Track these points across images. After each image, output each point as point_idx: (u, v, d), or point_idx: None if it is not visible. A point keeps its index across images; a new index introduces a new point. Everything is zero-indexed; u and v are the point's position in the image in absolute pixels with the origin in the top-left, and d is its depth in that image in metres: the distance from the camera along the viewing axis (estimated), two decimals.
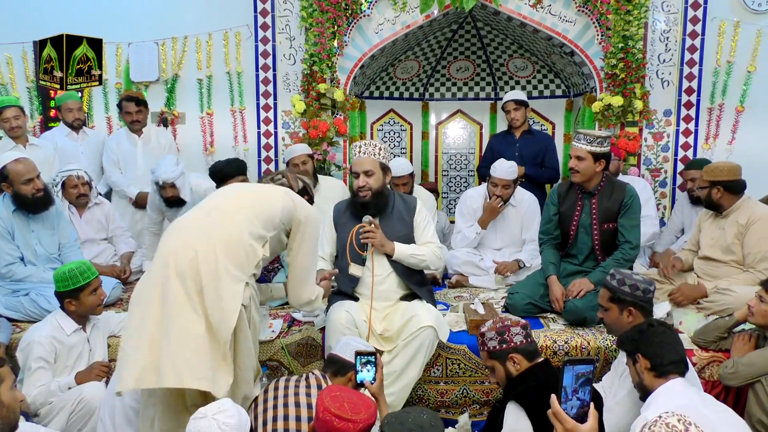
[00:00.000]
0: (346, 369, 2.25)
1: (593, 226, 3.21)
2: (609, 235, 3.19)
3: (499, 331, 2.11)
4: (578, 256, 3.30)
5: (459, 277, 3.92)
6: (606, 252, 3.21)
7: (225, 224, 2.15)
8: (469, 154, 5.83)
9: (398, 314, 2.87)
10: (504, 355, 2.10)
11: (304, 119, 4.69)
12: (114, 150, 4.50)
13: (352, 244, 2.79)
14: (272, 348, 2.97)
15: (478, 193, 4.05)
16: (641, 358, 1.93)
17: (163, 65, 4.97)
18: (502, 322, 2.15)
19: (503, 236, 4.01)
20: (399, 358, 2.74)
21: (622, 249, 3.14)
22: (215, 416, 1.71)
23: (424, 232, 2.95)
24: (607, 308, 2.37)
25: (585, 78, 4.86)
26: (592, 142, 3.09)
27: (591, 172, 3.12)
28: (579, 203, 3.24)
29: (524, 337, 2.11)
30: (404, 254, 2.87)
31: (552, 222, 3.34)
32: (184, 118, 5.06)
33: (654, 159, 4.65)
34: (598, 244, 3.22)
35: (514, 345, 2.09)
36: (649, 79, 4.55)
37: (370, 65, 4.97)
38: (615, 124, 4.56)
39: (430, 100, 5.77)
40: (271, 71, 4.81)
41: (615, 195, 3.17)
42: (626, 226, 3.14)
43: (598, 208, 3.19)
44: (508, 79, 5.59)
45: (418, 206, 2.98)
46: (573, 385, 1.60)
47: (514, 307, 3.28)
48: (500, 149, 4.52)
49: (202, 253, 2.04)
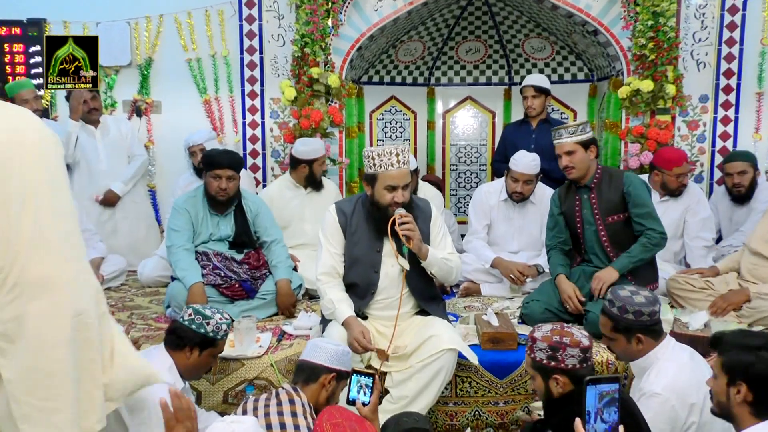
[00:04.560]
0: (317, 373, 2.26)
1: (596, 221, 3.27)
2: (618, 228, 3.25)
3: (552, 346, 2.04)
4: (592, 258, 3.36)
5: (470, 284, 3.91)
6: (619, 247, 3.25)
7: None
8: (481, 146, 5.82)
9: (413, 330, 2.85)
10: (549, 372, 2.04)
11: (294, 108, 4.68)
12: None
13: (396, 236, 2.72)
14: (260, 365, 2.96)
15: (495, 189, 4.05)
16: (745, 390, 1.78)
17: (136, 48, 4.97)
18: (561, 336, 2.04)
19: (521, 238, 4.00)
20: (413, 382, 2.70)
21: (646, 235, 3.19)
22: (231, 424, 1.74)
23: (442, 243, 2.93)
24: (613, 338, 2.35)
25: (610, 60, 4.85)
26: (574, 132, 3.20)
27: (586, 163, 3.23)
28: (577, 200, 3.32)
29: (579, 361, 2.02)
30: (436, 258, 2.82)
31: (558, 226, 3.41)
32: (160, 107, 5.06)
33: (689, 151, 4.63)
34: (606, 239, 3.27)
35: (564, 367, 2.02)
36: (682, 60, 4.54)
37: (369, 47, 4.96)
38: (644, 111, 4.55)
39: (436, 86, 5.76)
40: (257, 54, 4.80)
41: (613, 184, 3.23)
42: (640, 214, 3.19)
43: (598, 201, 3.26)
44: (524, 62, 5.59)
45: (434, 214, 2.96)
46: (597, 406, 1.60)
47: (530, 316, 3.28)
48: (515, 140, 4.51)
49: None
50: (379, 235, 2.84)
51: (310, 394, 2.22)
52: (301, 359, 2.34)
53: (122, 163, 4.61)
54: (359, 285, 2.89)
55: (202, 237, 3.52)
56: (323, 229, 2.92)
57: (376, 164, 2.74)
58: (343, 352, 2.32)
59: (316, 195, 4.12)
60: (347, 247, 2.90)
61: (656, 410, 2.14)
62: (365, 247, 2.86)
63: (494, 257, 3.84)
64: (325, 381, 2.25)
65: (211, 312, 2.42)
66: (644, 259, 3.17)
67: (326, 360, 2.27)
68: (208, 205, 3.53)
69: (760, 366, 1.76)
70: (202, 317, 2.39)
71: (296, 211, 4.12)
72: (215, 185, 3.45)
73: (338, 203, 2.97)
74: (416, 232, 2.71)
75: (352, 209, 2.91)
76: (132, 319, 3.48)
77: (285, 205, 4.11)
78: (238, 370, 2.92)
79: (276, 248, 3.61)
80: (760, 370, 1.76)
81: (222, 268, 3.43)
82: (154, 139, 5.08)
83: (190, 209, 3.51)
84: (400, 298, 2.80)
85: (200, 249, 3.49)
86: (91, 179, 4.49)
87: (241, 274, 3.45)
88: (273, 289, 3.48)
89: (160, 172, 5.12)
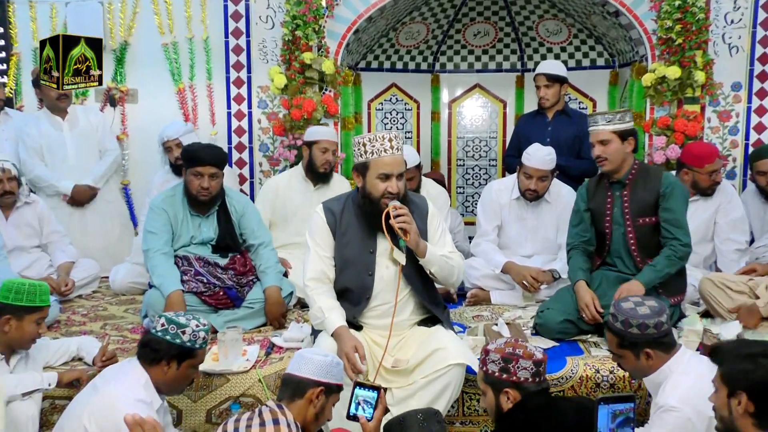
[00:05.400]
0: (303, 388, 2.24)
1: (626, 222, 3.27)
2: (647, 232, 3.24)
3: (505, 358, 2.16)
4: (616, 261, 3.35)
5: (478, 291, 3.91)
6: (646, 253, 3.26)
7: None
8: (491, 138, 5.82)
9: (416, 342, 2.84)
10: (500, 385, 2.16)
11: (284, 97, 4.67)
12: (35, 138, 4.45)
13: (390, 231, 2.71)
14: (246, 380, 2.95)
15: (506, 186, 4.04)
16: (745, 400, 1.79)
17: (110, 30, 4.96)
18: (514, 348, 2.18)
19: (535, 240, 3.99)
20: (416, 400, 2.67)
21: (671, 246, 3.19)
22: None
23: (440, 241, 2.92)
24: (621, 355, 2.36)
25: (633, 44, 4.84)
26: (612, 120, 3.21)
27: (621, 156, 3.22)
28: (609, 196, 3.31)
29: (532, 375, 2.14)
30: (435, 255, 2.81)
31: (583, 223, 3.41)
32: (136, 96, 5.05)
33: (720, 144, 4.63)
34: (633, 242, 3.27)
35: (516, 380, 2.14)
36: (713, 44, 4.53)
37: (367, 29, 4.95)
38: (671, 101, 4.54)
39: (441, 73, 5.76)
40: (243, 37, 4.79)
41: (650, 184, 3.23)
42: (669, 220, 3.19)
43: (630, 200, 3.25)
44: (538, 46, 5.58)
45: (431, 210, 2.96)
46: (609, 426, 1.62)
47: (546, 327, 3.28)
48: (528, 134, 4.50)
49: None
50: (372, 232, 2.83)
51: (297, 411, 2.20)
52: (286, 372, 2.33)
53: (92, 158, 4.61)
54: (352, 290, 2.88)
55: (182, 240, 3.51)
56: (311, 231, 2.91)
57: (367, 151, 2.74)
58: (332, 363, 2.30)
59: (326, 192, 4.09)
60: (337, 250, 2.89)
61: (672, 425, 2.14)
62: (357, 248, 2.85)
63: (505, 262, 3.83)
64: (313, 396, 2.23)
65: (185, 319, 2.40)
66: (670, 273, 3.18)
67: (313, 373, 2.25)
68: (189, 205, 3.53)
69: (759, 373, 1.78)
70: (176, 326, 2.37)
71: (300, 206, 4.11)
72: (197, 184, 3.44)
73: (326, 202, 2.96)
74: (413, 225, 2.70)
75: (342, 208, 2.90)
76: (105, 330, 3.48)
77: (290, 197, 4.12)
78: (222, 387, 2.91)
79: (264, 252, 3.60)
80: (759, 378, 1.77)
81: (204, 274, 3.42)
82: (129, 131, 5.06)
83: (168, 209, 3.50)
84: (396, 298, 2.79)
85: (180, 253, 3.49)
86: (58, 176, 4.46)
87: (225, 281, 3.44)
88: (261, 297, 3.48)
89: (135, 168, 5.11)
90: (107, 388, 2.31)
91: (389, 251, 2.81)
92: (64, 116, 4.52)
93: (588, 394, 2.92)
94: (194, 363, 2.44)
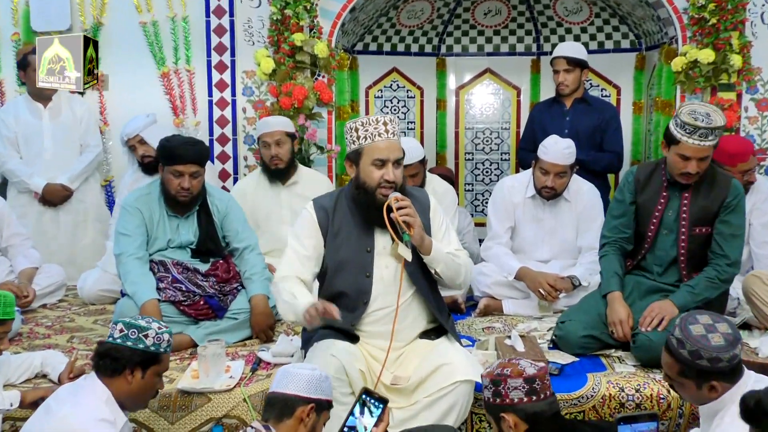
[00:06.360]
0: (291, 406, 2.25)
1: (681, 229, 3.20)
2: (701, 243, 3.19)
3: (494, 380, 2.17)
4: (655, 269, 3.30)
5: (489, 301, 3.91)
6: (693, 266, 3.21)
7: None
8: (503, 129, 5.82)
9: (417, 357, 2.84)
10: (496, 411, 2.16)
11: (272, 83, 4.68)
12: (10, 126, 4.47)
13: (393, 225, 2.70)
14: (230, 400, 2.95)
15: (520, 183, 4.03)
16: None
17: (80, 10, 4.96)
18: (503, 368, 2.18)
19: (552, 243, 3.99)
20: (419, 422, 2.68)
21: (716, 265, 3.14)
22: None
23: (445, 238, 2.93)
24: (680, 382, 2.34)
25: (662, 24, 4.84)
26: (718, 133, 3.02)
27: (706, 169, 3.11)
28: (664, 195, 3.24)
29: (526, 393, 2.13)
30: (442, 252, 2.81)
31: (626, 217, 3.32)
32: (108, 83, 5.05)
33: (758, 136, 4.64)
34: (684, 253, 3.21)
35: (510, 402, 2.13)
36: (751, 25, 4.54)
37: (365, 8, 4.96)
38: (703, 87, 4.55)
39: (447, 56, 5.77)
40: (227, 17, 4.80)
41: (715, 190, 3.16)
42: (724, 234, 3.14)
43: (690, 205, 3.18)
44: (556, 27, 5.59)
45: (433, 205, 2.97)
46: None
47: (566, 340, 3.26)
48: (544, 124, 4.52)
49: None
50: (369, 229, 2.84)
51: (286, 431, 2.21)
52: (271, 391, 2.33)
53: (72, 153, 4.61)
54: (348, 294, 2.87)
55: (158, 244, 3.51)
56: (295, 228, 2.92)
57: (360, 136, 2.75)
58: (321, 377, 2.31)
59: (298, 190, 4.11)
60: (330, 252, 2.89)
61: None
62: (353, 247, 2.86)
63: (519, 267, 3.83)
64: (303, 414, 2.23)
65: (145, 322, 2.40)
66: (708, 298, 3.11)
67: (302, 389, 2.25)
68: (166, 205, 3.52)
69: None
70: (137, 330, 2.37)
71: (272, 210, 4.14)
72: (176, 184, 3.42)
73: (317, 199, 2.97)
74: (417, 218, 2.71)
75: (334, 205, 2.91)
76: (73, 344, 3.47)
77: (259, 202, 4.13)
78: (203, 407, 2.90)
79: (250, 257, 3.61)
80: None
81: (183, 282, 3.42)
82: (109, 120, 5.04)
83: (143, 209, 3.49)
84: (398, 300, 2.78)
85: (156, 258, 3.48)
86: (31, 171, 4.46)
87: (206, 289, 3.44)
88: (246, 307, 3.48)
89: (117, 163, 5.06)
90: (63, 409, 2.28)
91: (389, 249, 2.82)
92: (46, 104, 4.52)
93: (611, 416, 2.92)
94: (159, 370, 2.44)
